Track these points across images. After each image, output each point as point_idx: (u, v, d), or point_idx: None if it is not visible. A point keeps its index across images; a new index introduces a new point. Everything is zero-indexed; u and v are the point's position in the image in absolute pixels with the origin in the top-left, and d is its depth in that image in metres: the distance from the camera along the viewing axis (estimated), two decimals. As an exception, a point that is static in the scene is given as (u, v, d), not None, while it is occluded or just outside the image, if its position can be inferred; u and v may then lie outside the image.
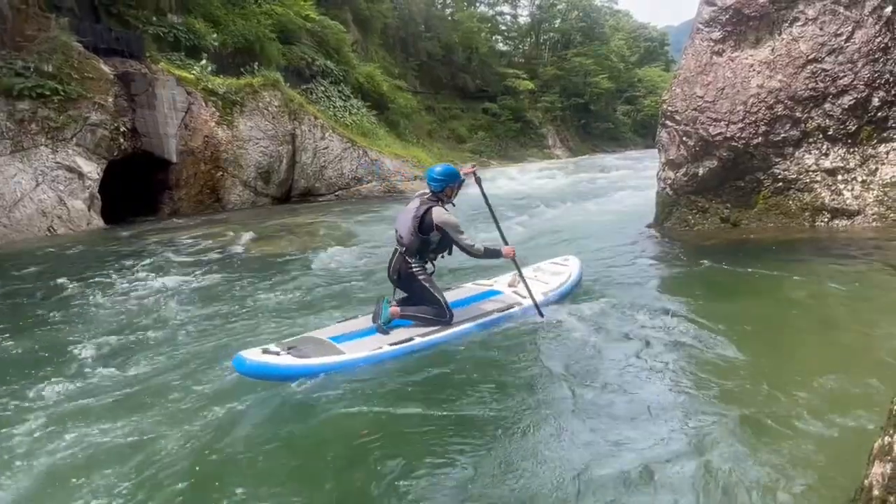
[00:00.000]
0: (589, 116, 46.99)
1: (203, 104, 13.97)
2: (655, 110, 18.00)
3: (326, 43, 21.41)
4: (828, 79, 7.44)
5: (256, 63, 16.66)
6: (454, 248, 4.36)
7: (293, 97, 16.46)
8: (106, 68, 12.13)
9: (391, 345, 3.95)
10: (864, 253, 6.30)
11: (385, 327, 4.12)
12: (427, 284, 4.28)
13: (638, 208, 10.28)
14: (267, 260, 7.80)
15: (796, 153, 7.75)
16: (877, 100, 7.30)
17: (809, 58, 7.50)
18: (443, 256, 4.45)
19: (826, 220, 7.64)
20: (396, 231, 4.32)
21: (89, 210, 11.36)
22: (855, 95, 7.36)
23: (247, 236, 9.62)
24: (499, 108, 38.22)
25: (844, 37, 7.33)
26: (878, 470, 1.70)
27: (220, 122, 14.20)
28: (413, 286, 4.30)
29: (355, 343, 3.96)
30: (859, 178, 7.50)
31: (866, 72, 7.26)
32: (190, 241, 9.45)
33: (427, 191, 4.38)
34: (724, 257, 6.60)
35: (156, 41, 14.61)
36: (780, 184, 7.87)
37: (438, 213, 4.16)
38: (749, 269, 5.99)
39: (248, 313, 5.34)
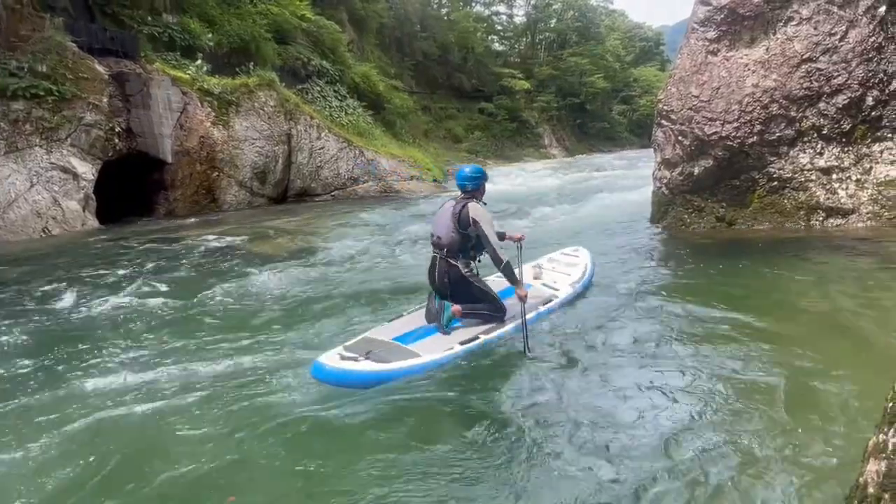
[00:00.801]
0: (585, 116, 47.05)
1: (198, 104, 13.92)
2: (651, 110, 18.03)
3: (322, 43, 21.35)
4: (822, 78, 7.47)
5: (252, 63, 16.60)
6: None
7: (289, 97, 16.42)
8: (100, 68, 12.06)
9: (461, 344, 3.96)
10: (858, 252, 6.33)
11: (447, 327, 4.15)
12: (479, 284, 4.32)
13: (634, 208, 10.30)
14: (263, 260, 7.78)
15: (791, 152, 7.78)
16: (871, 99, 7.34)
17: (804, 57, 7.53)
18: (479, 260, 4.39)
19: (821, 219, 7.67)
20: (433, 235, 4.31)
21: (84, 211, 11.31)
22: (849, 95, 7.39)
23: (242, 237, 9.59)
24: (495, 107, 38.21)
25: (838, 36, 7.36)
26: (874, 468, 1.70)
27: (215, 123, 14.15)
28: (464, 287, 4.24)
29: (422, 344, 3.95)
30: (854, 177, 7.53)
31: (860, 71, 7.30)
32: (185, 241, 9.42)
33: (454, 196, 4.42)
34: (719, 256, 6.63)
35: (151, 41, 14.54)
36: (775, 183, 7.90)
37: (474, 207, 4.17)
38: (744, 269, 6.02)
39: (245, 314, 5.33)
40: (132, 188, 13.18)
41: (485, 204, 4.34)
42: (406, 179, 17.99)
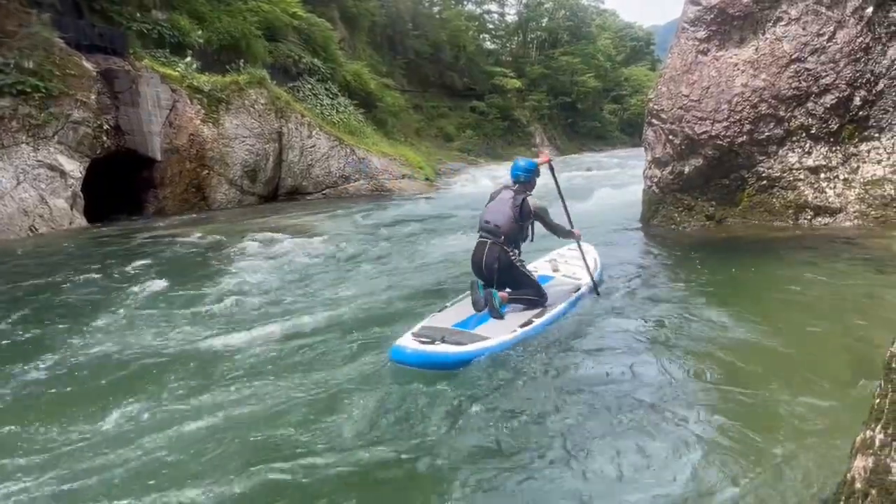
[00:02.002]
0: (576, 115, 47.14)
1: (188, 102, 13.80)
2: (642, 109, 18.09)
3: (313, 40, 21.23)
4: (810, 78, 7.54)
5: (242, 60, 16.48)
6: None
7: (280, 95, 16.32)
8: (88, 65, 11.92)
9: (521, 327, 4.18)
10: (844, 250, 6.40)
11: (501, 312, 4.35)
12: (524, 270, 4.62)
13: (625, 206, 10.35)
14: (253, 258, 7.73)
15: (780, 152, 7.84)
16: (858, 99, 7.41)
17: (793, 57, 7.59)
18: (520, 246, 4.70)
19: (809, 217, 7.75)
20: (488, 222, 4.53)
21: (72, 209, 11.18)
22: (837, 94, 7.46)
23: (230, 235, 9.53)
24: (486, 106, 38.18)
25: (827, 37, 7.43)
26: (861, 463, 1.72)
27: (205, 120, 14.04)
28: (512, 273, 4.51)
29: (484, 328, 4.15)
30: (841, 177, 7.61)
31: (848, 71, 7.37)
32: (173, 239, 9.34)
33: (505, 184, 4.78)
34: (709, 255, 6.67)
35: (140, 38, 14.38)
36: (765, 182, 7.97)
37: (533, 202, 4.55)
38: (733, 267, 6.07)
39: (231, 312, 5.29)
40: (121, 186, 13.05)
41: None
42: (398, 178, 17.96)
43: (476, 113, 37.76)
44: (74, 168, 11.32)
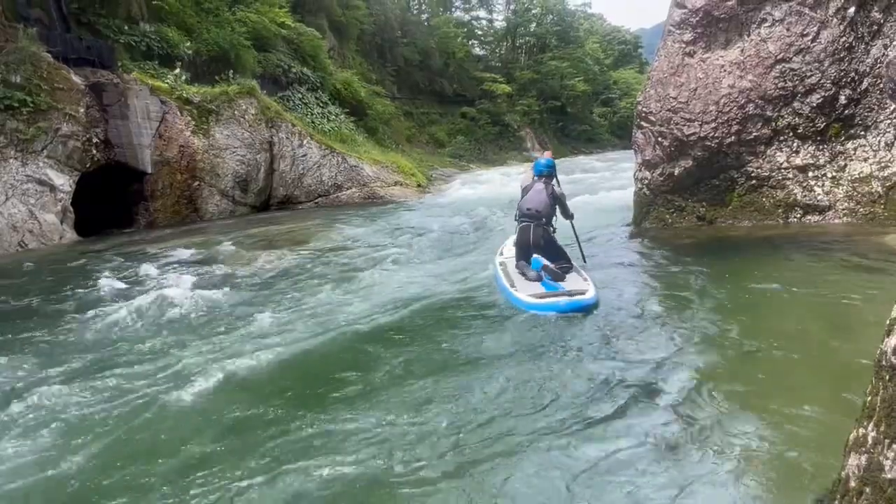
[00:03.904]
0: (566, 119, 47.40)
1: (178, 113, 13.75)
2: (631, 112, 18.20)
3: (303, 50, 21.25)
4: (796, 78, 7.62)
5: (231, 71, 16.47)
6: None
7: (270, 105, 16.31)
8: (77, 78, 11.87)
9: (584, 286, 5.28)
10: (835, 248, 6.45)
11: (562, 276, 5.48)
12: (559, 243, 5.82)
13: (616, 208, 10.39)
14: (246, 270, 7.70)
15: (768, 151, 7.91)
16: (843, 98, 7.50)
17: (778, 58, 7.67)
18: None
19: (798, 216, 7.81)
20: (529, 209, 5.68)
21: (62, 223, 11.10)
22: (822, 94, 7.55)
23: (223, 246, 9.48)
24: (477, 112, 38.31)
25: (811, 37, 7.51)
26: (854, 461, 1.73)
27: (195, 131, 14.00)
28: (553, 246, 5.72)
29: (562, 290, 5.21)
30: (829, 175, 7.68)
31: (833, 70, 7.45)
32: (165, 253, 9.27)
33: (534, 179, 5.92)
34: (700, 255, 6.70)
35: (128, 50, 14.35)
36: (754, 181, 8.03)
37: (558, 190, 5.89)
38: (725, 267, 6.10)
39: (227, 325, 5.26)
40: (112, 199, 12.97)
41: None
42: (390, 185, 17.95)
43: (467, 119, 37.88)
44: (64, 182, 11.25)
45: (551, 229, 5.71)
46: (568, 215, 6.06)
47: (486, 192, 16.30)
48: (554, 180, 5.92)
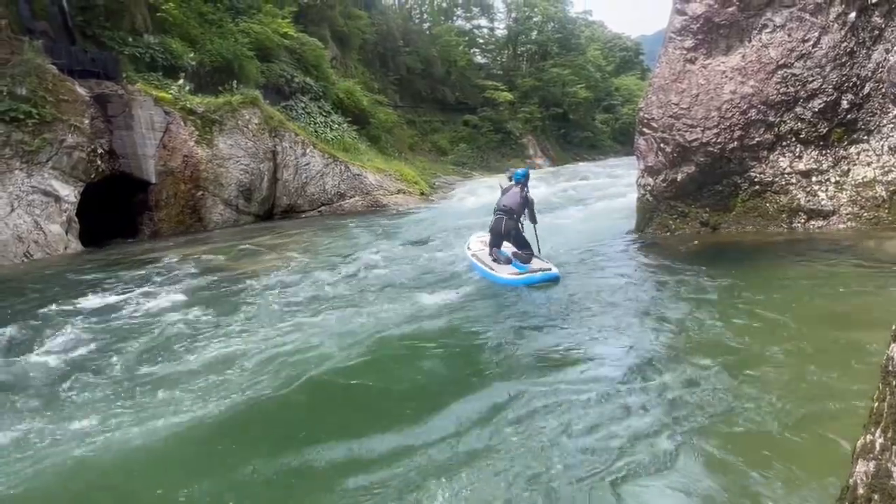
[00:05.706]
0: (568, 126, 47.44)
1: (182, 123, 13.84)
2: (633, 118, 18.19)
3: (305, 60, 21.39)
4: (798, 83, 7.62)
5: (235, 81, 16.58)
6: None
7: (273, 114, 16.40)
8: (81, 90, 11.98)
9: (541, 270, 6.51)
10: (839, 253, 6.42)
11: (527, 258, 6.76)
12: (524, 234, 6.96)
13: (619, 215, 10.38)
14: (250, 278, 7.71)
15: (771, 156, 7.90)
16: (846, 102, 7.49)
17: (780, 63, 7.67)
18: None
19: (802, 220, 7.78)
20: (504, 206, 6.91)
21: (67, 234, 11.15)
22: (824, 99, 7.54)
23: (226, 256, 9.50)
24: (479, 119, 38.40)
25: (812, 42, 7.52)
26: (862, 468, 1.71)
27: (199, 141, 14.08)
28: (519, 237, 6.92)
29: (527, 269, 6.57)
30: (833, 179, 7.66)
31: (834, 75, 7.45)
32: (169, 262, 9.30)
33: (512, 183, 7.13)
34: (704, 261, 6.68)
35: (132, 62, 14.47)
36: (757, 187, 8.01)
37: (530, 196, 7.02)
38: (729, 272, 6.07)
39: (230, 333, 5.27)
40: (116, 210, 13.04)
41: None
42: (393, 193, 18.00)
43: (469, 126, 37.96)
44: (69, 193, 11.32)
45: (520, 225, 6.91)
46: (533, 219, 7.10)
47: (490, 201, 16.28)
48: (526, 188, 7.01)
